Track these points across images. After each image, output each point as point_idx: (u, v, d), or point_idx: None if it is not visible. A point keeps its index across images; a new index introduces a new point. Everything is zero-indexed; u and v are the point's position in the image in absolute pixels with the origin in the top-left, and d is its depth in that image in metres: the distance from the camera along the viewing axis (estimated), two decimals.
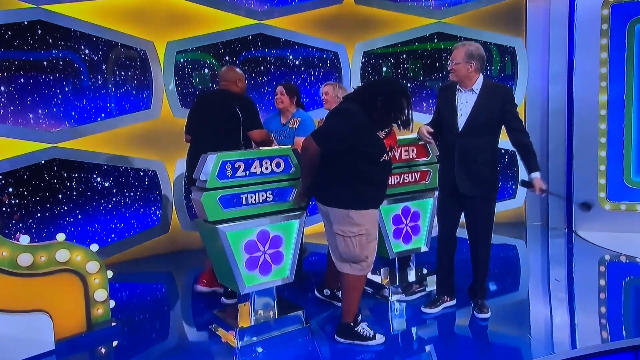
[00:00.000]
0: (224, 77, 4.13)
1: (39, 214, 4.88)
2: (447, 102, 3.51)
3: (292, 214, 3.42)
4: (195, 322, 3.94)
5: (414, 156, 4.05)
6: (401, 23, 6.43)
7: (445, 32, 6.49)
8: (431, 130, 3.60)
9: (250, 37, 5.96)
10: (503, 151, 6.64)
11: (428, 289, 4.11)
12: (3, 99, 4.69)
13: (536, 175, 3.37)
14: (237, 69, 4.23)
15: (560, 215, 6.33)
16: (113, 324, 3.56)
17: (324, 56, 6.38)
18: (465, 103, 3.41)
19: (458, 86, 3.45)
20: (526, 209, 6.62)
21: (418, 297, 4.05)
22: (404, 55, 6.64)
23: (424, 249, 4.13)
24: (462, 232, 3.71)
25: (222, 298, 4.05)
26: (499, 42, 6.53)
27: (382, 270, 4.16)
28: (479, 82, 3.42)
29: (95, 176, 5.26)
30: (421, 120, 6.41)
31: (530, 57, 6.46)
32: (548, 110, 6.36)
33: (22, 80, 4.78)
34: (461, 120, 3.41)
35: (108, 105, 5.34)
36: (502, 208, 6.57)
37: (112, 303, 3.63)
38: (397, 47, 6.55)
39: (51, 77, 4.96)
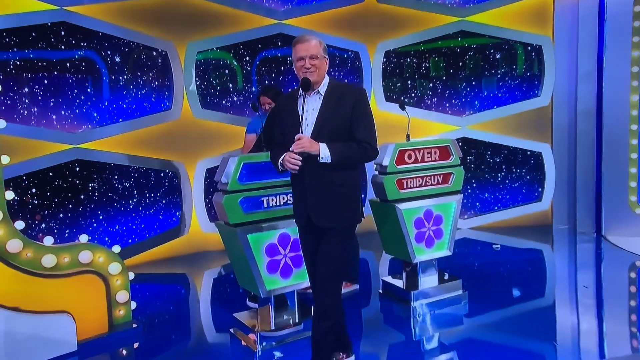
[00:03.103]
0: None
1: (61, 215, 5.00)
2: (288, 112, 2.78)
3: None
4: (215, 324, 3.99)
5: (437, 158, 4.05)
6: (424, 21, 6.40)
7: (469, 30, 6.44)
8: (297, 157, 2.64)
9: (271, 37, 6.00)
10: (529, 152, 6.58)
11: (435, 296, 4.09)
12: (26, 100, 4.81)
13: (323, 146, 2.65)
14: None
15: (588, 218, 6.22)
16: (134, 325, 3.63)
17: (345, 56, 6.39)
18: (311, 110, 2.73)
19: (301, 90, 2.73)
20: (552, 212, 6.52)
21: None
22: (427, 54, 6.61)
23: (447, 253, 4.11)
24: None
25: (247, 301, 4.09)
26: (524, 40, 6.46)
27: (403, 274, 4.16)
28: (325, 82, 2.78)
29: (116, 177, 5.36)
30: (444, 120, 6.48)
31: (557, 55, 6.36)
32: (576, 111, 6.26)
33: (45, 81, 4.90)
34: (307, 132, 2.70)
35: (129, 106, 5.44)
36: (527, 211, 6.51)
37: (133, 304, 3.70)
38: (419, 46, 6.52)
39: (73, 78, 5.07)
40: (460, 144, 4.29)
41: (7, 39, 4.63)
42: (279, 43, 6.10)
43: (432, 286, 4.07)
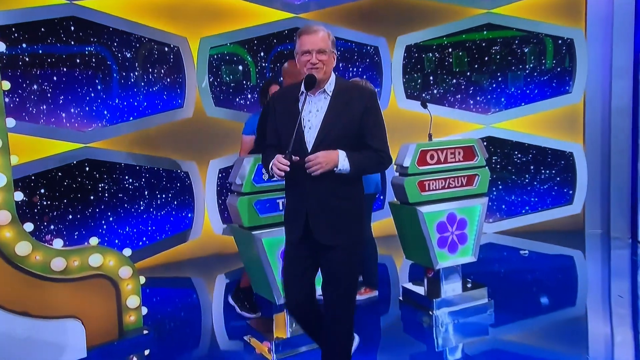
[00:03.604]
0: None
1: (70, 216, 5.07)
2: (286, 111, 2.59)
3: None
4: (228, 331, 4.00)
5: (460, 159, 4.01)
6: (447, 14, 6.34)
7: (496, 22, 6.37)
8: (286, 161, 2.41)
9: (286, 31, 6.00)
10: (559, 152, 6.48)
11: None
12: (35, 98, 4.89)
13: (343, 156, 2.49)
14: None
15: (623, 223, 6.11)
16: (145, 332, 3.66)
17: (364, 51, 6.37)
18: (315, 112, 2.54)
19: (303, 88, 2.53)
20: (585, 216, 6.41)
21: None
22: (450, 49, 6.56)
23: (472, 259, 4.07)
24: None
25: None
26: (555, 33, 6.36)
27: (424, 281, 4.12)
28: (332, 80, 2.59)
29: (126, 177, 5.42)
30: (468, 118, 6.41)
31: (590, 49, 6.26)
32: (610, 107, 6.15)
33: (54, 78, 4.97)
34: (310, 136, 2.52)
35: (140, 103, 5.49)
36: (558, 215, 6.41)
37: (144, 310, 3.73)
38: (442, 40, 6.47)
39: (83, 75, 5.14)
40: (485, 143, 4.24)
41: (15, 35, 4.70)
42: (295, 38, 6.09)
43: (455, 294, 4.03)
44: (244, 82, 6.00)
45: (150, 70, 5.55)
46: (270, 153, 2.60)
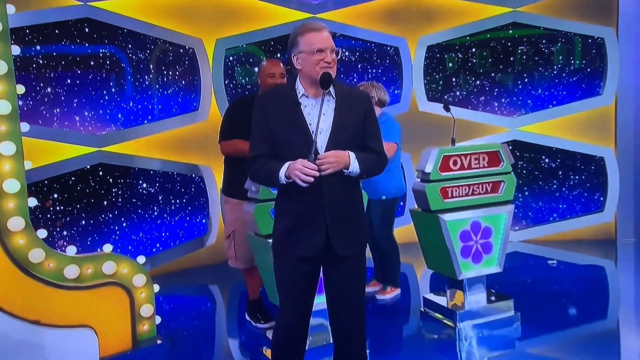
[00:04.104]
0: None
1: (83, 222, 5.14)
2: (285, 118, 2.48)
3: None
4: (243, 342, 4.02)
5: (485, 165, 3.98)
6: (470, 13, 6.31)
7: (522, 21, 6.31)
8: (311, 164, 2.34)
9: None
10: (589, 157, 6.39)
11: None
12: (49, 101, 4.97)
13: (353, 156, 2.46)
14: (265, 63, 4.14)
15: None
16: (159, 341, 3.68)
17: (383, 51, 6.36)
18: (323, 115, 2.45)
19: (304, 91, 2.50)
20: (616, 224, 6.31)
21: None
22: (473, 49, 6.52)
23: (497, 269, 4.03)
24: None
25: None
26: (584, 32, 6.28)
27: (447, 292, 4.10)
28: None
29: (140, 182, 5.48)
30: (492, 121, 6.35)
31: (622, 48, 6.16)
32: None
33: (68, 80, 5.06)
34: (322, 140, 2.46)
35: (155, 106, 5.56)
36: (588, 223, 6.32)
37: (157, 319, 3.76)
38: (464, 39, 6.43)
39: (98, 78, 5.22)
40: (510, 147, 4.21)
41: (29, 36, 4.79)
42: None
43: (480, 306, 3.99)
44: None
45: (165, 72, 5.62)
46: (266, 163, 2.46)
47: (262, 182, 2.68)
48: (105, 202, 5.25)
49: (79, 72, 5.11)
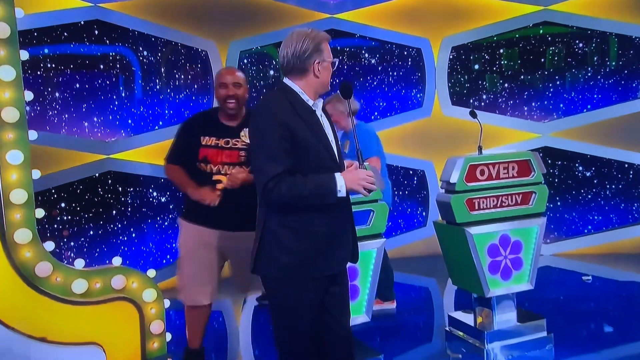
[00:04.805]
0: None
1: (91, 232, 5.18)
2: (309, 128, 2.41)
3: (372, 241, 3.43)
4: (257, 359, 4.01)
5: (515, 174, 3.92)
6: (497, 12, 6.27)
7: (553, 21, 6.26)
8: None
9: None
10: (626, 165, 6.30)
11: None
12: (57, 106, 5.03)
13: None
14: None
15: None
16: None
17: (405, 53, 6.34)
18: (327, 123, 2.55)
19: (310, 98, 2.51)
20: None
21: None
22: (501, 50, 6.47)
23: (528, 286, 3.97)
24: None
25: None
26: (621, 31, 6.22)
27: (475, 310, 4.04)
28: None
29: (151, 190, 5.52)
30: (522, 127, 6.28)
31: None
32: None
33: (77, 85, 5.12)
34: (335, 151, 2.53)
35: (166, 112, 5.60)
36: (626, 235, 6.22)
37: (168, 336, 3.76)
38: (491, 38, 6.39)
39: (107, 82, 5.28)
40: (541, 154, 4.16)
41: (37, 39, 4.86)
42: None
43: (510, 326, 3.92)
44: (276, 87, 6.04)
45: (176, 76, 5.66)
46: (303, 177, 2.31)
47: (297, 199, 2.31)
48: (114, 212, 5.29)
49: (88, 76, 5.18)
